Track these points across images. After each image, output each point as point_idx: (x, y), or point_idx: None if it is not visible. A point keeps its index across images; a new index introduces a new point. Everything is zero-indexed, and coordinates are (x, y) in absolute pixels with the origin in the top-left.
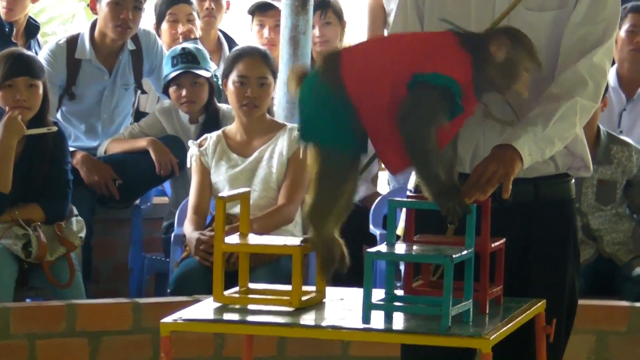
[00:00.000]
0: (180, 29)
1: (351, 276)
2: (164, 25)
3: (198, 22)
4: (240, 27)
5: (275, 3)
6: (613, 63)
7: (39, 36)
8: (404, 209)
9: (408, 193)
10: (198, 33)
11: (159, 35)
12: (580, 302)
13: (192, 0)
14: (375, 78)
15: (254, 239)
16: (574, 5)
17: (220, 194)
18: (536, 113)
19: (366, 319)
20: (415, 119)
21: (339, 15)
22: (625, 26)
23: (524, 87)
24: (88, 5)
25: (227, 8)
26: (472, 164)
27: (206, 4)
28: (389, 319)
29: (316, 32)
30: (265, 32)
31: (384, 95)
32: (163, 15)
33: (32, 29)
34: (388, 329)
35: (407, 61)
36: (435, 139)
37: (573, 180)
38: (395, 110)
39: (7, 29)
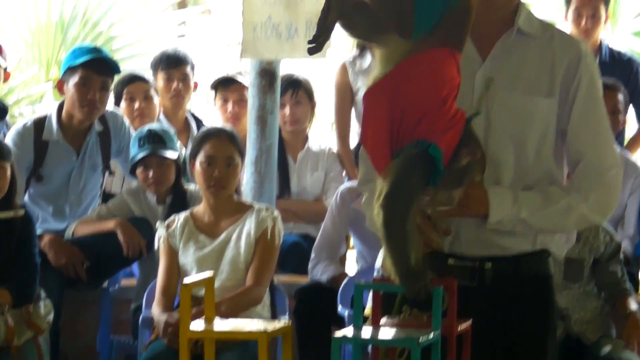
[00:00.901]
0: (137, 106)
1: (319, 358)
2: (122, 104)
3: (157, 99)
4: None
5: (237, 77)
6: None
7: (7, 118)
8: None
9: (375, 274)
10: (158, 109)
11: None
12: None
13: (149, 78)
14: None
15: (219, 324)
16: (557, 96)
17: (184, 280)
18: (540, 192)
19: None
20: (399, 192)
21: (309, 94)
22: None
23: (457, 197)
24: (55, 87)
25: (195, 88)
26: (452, 246)
27: (174, 85)
28: None
29: (287, 111)
30: (229, 106)
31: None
32: (120, 94)
33: (0, 110)
34: None
35: (439, 103)
36: (412, 220)
37: (550, 256)
38: (395, 143)
39: None
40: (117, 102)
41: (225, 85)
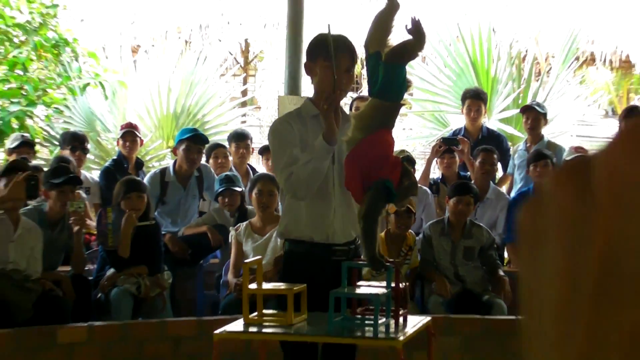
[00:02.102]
0: (216, 161)
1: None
2: (210, 161)
3: (230, 158)
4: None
5: None
6: (469, 180)
7: (144, 168)
8: None
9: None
10: (230, 163)
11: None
12: (452, 316)
13: (226, 144)
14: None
15: (265, 285)
16: None
17: (245, 261)
18: None
19: (330, 329)
20: (372, 211)
21: None
22: (478, 160)
23: (411, 204)
24: (172, 151)
25: (252, 151)
26: (333, 238)
27: (241, 151)
28: (343, 330)
29: None
30: (270, 163)
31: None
32: (209, 155)
33: (139, 164)
34: (342, 335)
35: (387, 160)
36: (379, 223)
37: None
38: (366, 182)
39: (125, 165)
40: (207, 160)
41: (268, 151)
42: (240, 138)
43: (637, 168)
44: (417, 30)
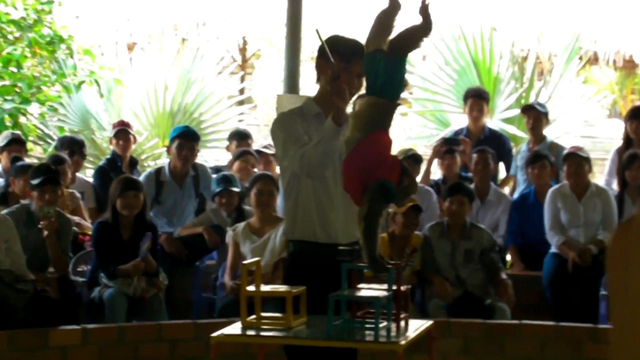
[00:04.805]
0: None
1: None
2: (236, 165)
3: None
4: None
5: (264, 150)
6: (471, 181)
7: (138, 167)
8: None
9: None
10: (254, 170)
11: (231, 168)
12: (453, 320)
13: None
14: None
15: (263, 287)
16: None
17: (243, 262)
18: None
19: (329, 333)
20: (372, 212)
21: None
22: (473, 160)
23: (409, 202)
24: (167, 150)
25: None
26: (337, 238)
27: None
28: (343, 333)
29: None
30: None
31: (371, 166)
32: (236, 158)
33: (133, 162)
34: (342, 338)
35: (385, 160)
36: (379, 224)
37: None
38: (365, 184)
39: (119, 163)
40: (234, 162)
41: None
42: (242, 137)
43: None
44: (424, 14)
